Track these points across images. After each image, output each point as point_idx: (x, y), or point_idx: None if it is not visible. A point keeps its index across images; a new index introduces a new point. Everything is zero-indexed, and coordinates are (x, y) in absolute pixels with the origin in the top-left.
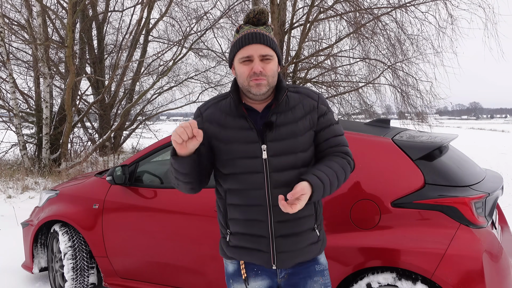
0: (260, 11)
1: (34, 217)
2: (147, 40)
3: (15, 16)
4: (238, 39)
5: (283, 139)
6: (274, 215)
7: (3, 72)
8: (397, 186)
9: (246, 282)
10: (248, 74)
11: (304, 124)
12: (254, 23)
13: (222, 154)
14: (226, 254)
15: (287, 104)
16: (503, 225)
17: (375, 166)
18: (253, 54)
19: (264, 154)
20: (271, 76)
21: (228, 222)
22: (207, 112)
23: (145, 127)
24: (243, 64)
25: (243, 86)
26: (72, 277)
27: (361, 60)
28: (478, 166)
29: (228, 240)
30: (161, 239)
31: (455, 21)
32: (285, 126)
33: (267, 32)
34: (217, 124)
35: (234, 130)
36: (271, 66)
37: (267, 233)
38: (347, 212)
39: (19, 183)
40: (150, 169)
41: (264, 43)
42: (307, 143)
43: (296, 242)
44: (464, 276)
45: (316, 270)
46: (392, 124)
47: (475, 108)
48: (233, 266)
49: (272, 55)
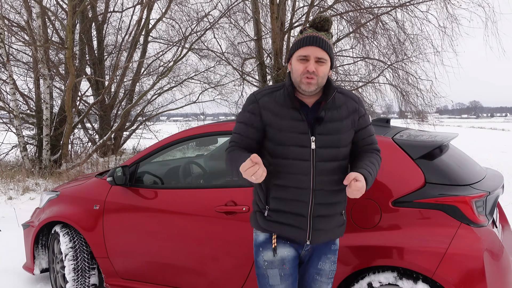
0: (325, 19)
1: (35, 218)
2: (147, 40)
3: (15, 17)
4: (300, 39)
5: (329, 133)
6: (316, 198)
7: (3, 73)
8: (397, 185)
9: (274, 251)
10: (302, 71)
11: (347, 123)
12: (317, 28)
13: (275, 140)
14: (260, 226)
15: (334, 103)
16: (504, 223)
17: None
18: (310, 54)
19: (312, 145)
20: (321, 77)
21: (268, 199)
22: (262, 99)
23: (145, 127)
24: (300, 62)
25: (295, 81)
26: (73, 278)
27: (361, 60)
28: (478, 165)
29: (267, 214)
30: (162, 240)
31: (455, 20)
32: (332, 122)
33: (327, 38)
34: (272, 112)
35: (287, 120)
36: (323, 69)
37: (306, 213)
38: (347, 211)
39: (19, 184)
40: (150, 169)
41: (322, 47)
42: (348, 140)
43: (328, 222)
44: (465, 275)
45: (331, 249)
46: (392, 123)
47: (475, 107)
48: (265, 236)
49: (327, 59)
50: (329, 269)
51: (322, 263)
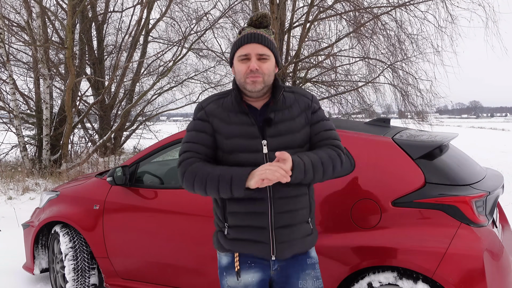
0: (262, 15)
1: (34, 218)
2: (147, 40)
3: (15, 17)
4: (238, 38)
5: (281, 135)
6: (275, 207)
7: (3, 73)
8: (397, 185)
9: (238, 274)
10: (245, 71)
11: (300, 121)
12: (256, 25)
13: (226, 148)
14: (222, 247)
15: (283, 103)
16: (504, 223)
17: (376, 166)
18: (250, 52)
19: (265, 149)
20: (267, 74)
21: (226, 216)
22: (209, 107)
23: (145, 127)
24: (241, 62)
25: (240, 83)
26: (73, 278)
27: (361, 60)
28: (478, 165)
29: (226, 233)
30: (162, 240)
31: (455, 20)
32: (283, 123)
33: (267, 34)
34: (219, 119)
35: (236, 125)
36: (267, 65)
37: (267, 224)
38: (347, 211)
39: (19, 184)
40: (150, 169)
41: (261, 43)
42: (304, 139)
43: (293, 233)
44: (465, 275)
45: (308, 263)
46: (392, 123)
47: (475, 107)
48: (227, 259)
49: (269, 55)
50: (312, 286)
51: (303, 282)
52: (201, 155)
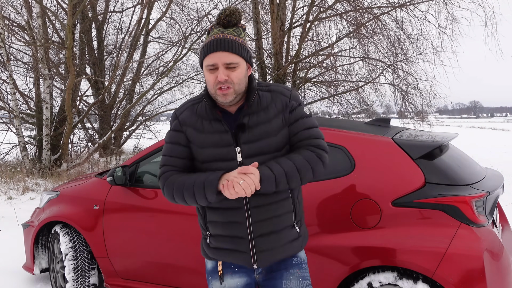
0: (230, 12)
1: (34, 218)
2: (147, 40)
3: (15, 17)
4: (204, 46)
5: (256, 140)
6: (252, 216)
7: (3, 73)
8: (397, 185)
9: (221, 279)
10: (213, 82)
11: (277, 123)
12: (224, 25)
13: (199, 157)
14: (207, 254)
15: (259, 105)
16: (504, 223)
17: (376, 166)
18: (217, 62)
19: (239, 156)
20: (237, 83)
21: (207, 224)
22: (182, 115)
23: (145, 127)
24: (210, 72)
25: (211, 93)
26: (73, 278)
27: (361, 60)
28: (478, 165)
29: (209, 241)
30: (162, 240)
31: (455, 20)
32: (258, 126)
33: (235, 35)
34: (193, 127)
35: (209, 133)
36: (237, 74)
37: (246, 234)
38: (347, 211)
39: (19, 184)
40: (150, 169)
41: (229, 50)
42: (282, 142)
43: (276, 240)
44: (465, 275)
45: (293, 263)
46: (392, 123)
47: (475, 107)
48: (212, 264)
49: (238, 62)
50: (297, 286)
51: (287, 282)
52: (178, 167)
